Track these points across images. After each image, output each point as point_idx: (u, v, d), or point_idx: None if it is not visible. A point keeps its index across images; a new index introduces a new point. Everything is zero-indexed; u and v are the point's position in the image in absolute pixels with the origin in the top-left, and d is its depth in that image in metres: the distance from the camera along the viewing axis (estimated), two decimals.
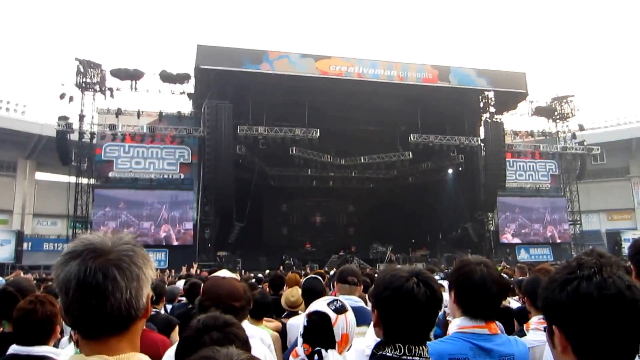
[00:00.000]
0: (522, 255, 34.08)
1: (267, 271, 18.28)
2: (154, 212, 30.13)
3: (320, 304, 2.67)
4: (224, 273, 3.35)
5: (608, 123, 48.70)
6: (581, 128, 38.98)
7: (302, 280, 5.89)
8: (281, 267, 23.96)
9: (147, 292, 1.56)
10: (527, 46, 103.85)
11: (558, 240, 36.18)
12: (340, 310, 2.61)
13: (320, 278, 4.81)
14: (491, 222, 34.96)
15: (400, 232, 36.67)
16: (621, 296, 1.39)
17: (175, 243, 29.84)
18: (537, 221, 35.91)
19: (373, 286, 2.77)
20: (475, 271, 2.49)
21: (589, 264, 1.46)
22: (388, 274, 2.19)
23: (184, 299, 7.40)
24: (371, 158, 36.04)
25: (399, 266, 2.30)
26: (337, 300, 2.68)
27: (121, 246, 1.52)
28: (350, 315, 2.62)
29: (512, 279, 8.29)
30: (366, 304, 4.72)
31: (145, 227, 29.63)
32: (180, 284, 9.19)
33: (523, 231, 35.51)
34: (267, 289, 7.40)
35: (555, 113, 37.93)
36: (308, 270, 22.48)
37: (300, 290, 5.46)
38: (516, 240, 35.35)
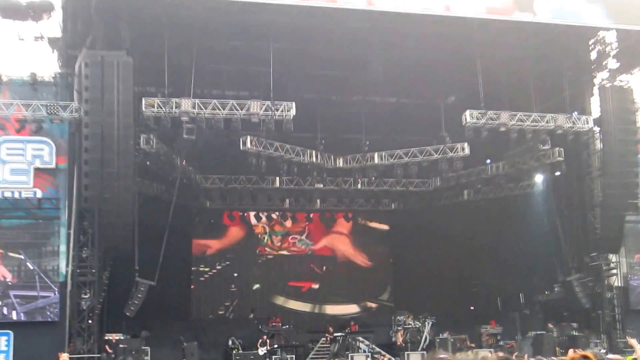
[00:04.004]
0: None
1: None
2: None
3: None
4: None
5: None
6: None
7: None
8: None
9: None
10: None
11: None
12: None
13: None
14: (614, 270, 33.44)
15: (448, 292, 36.92)
16: None
17: (25, 319, 28.75)
18: None
19: None
20: None
21: None
22: None
23: None
24: (392, 156, 34.60)
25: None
26: None
27: None
28: None
29: None
30: None
31: None
32: None
33: None
34: None
35: None
36: None
37: None
38: None
